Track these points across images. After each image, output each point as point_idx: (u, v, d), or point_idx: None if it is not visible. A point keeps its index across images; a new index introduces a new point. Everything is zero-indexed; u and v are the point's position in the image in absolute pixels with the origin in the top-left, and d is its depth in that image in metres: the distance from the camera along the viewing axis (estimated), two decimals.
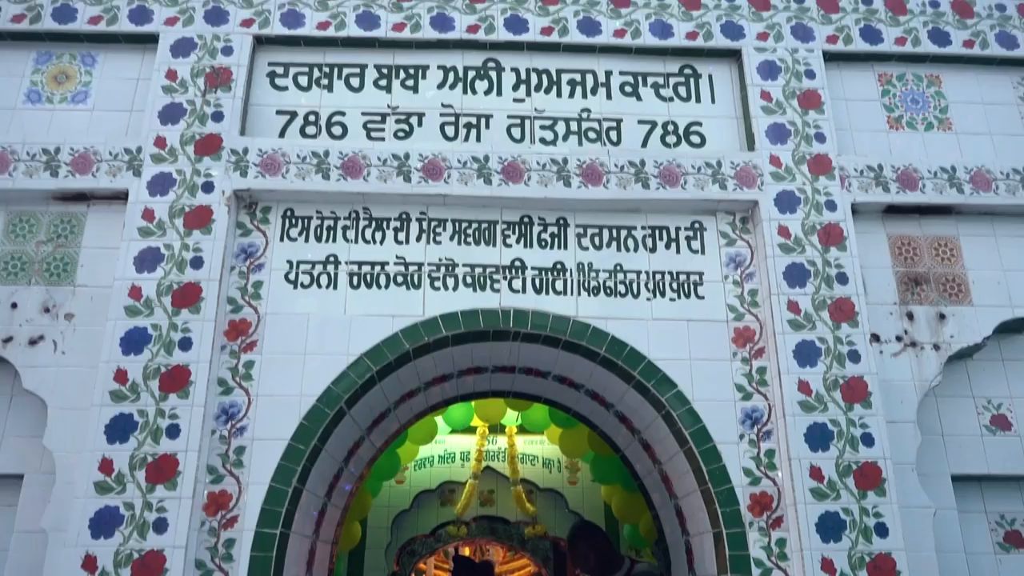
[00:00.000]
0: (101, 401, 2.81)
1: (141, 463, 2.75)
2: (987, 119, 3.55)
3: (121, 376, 2.84)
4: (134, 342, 2.88)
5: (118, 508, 2.70)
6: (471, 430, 6.18)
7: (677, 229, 3.28)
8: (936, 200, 3.32)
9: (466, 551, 8.95)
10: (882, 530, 2.83)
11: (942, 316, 3.21)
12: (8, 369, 2.97)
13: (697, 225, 3.28)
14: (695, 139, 3.41)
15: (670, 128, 3.42)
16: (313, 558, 3.28)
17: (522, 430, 6.26)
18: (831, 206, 3.24)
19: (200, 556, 2.74)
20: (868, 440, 2.93)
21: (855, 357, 3.03)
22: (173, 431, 2.79)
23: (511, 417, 5.97)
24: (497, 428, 6.32)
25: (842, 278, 3.13)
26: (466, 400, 3.95)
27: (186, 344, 2.89)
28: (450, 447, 6.39)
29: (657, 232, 3.27)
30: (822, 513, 2.84)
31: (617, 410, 3.46)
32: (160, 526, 2.69)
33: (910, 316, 3.20)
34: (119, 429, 2.78)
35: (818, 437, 2.93)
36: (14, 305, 3.00)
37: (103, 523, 2.68)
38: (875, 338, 3.15)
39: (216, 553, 2.75)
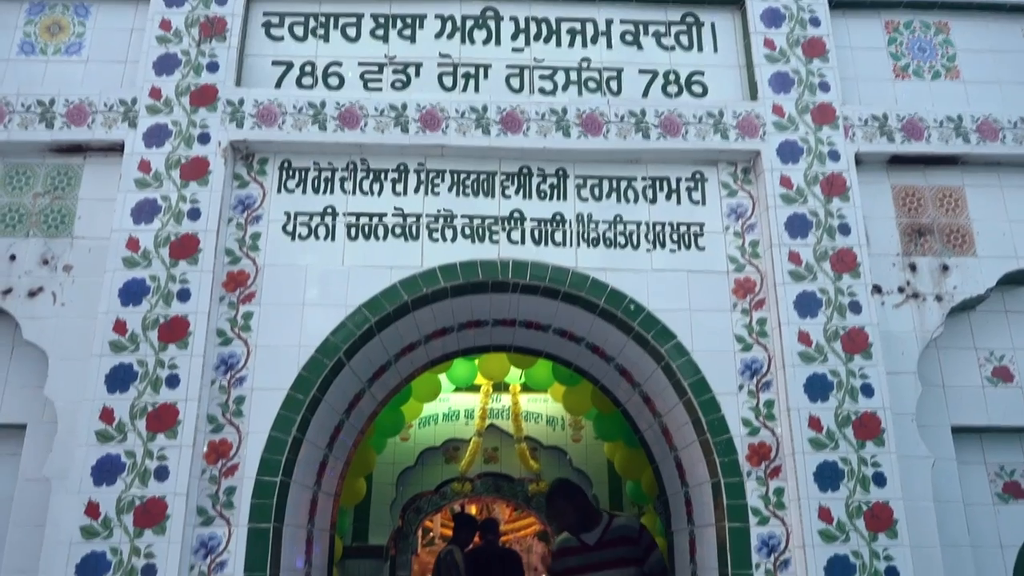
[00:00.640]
0: (101, 351, 2.82)
1: (141, 412, 2.76)
2: (996, 67, 3.49)
3: (120, 327, 2.84)
4: (132, 293, 2.89)
5: (119, 456, 2.72)
6: (475, 388, 6.21)
7: (678, 180, 3.24)
8: (942, 150, 3.27)
9: (472, 509, 9.04)
10: (880, 479, 2.83)
11: (945, 267, 3.18)
12: (8, 321, 2.98)
13: (698, 176, 3.25)
14: (697, 89, 3.36)
15: (671, 78, 3.37)
16: (315, 508, 3.32)
17: (526, 388, 6.28)
18: (834, 156, 3.19)
19: (201, 503, 2.77)
20: (868, 391, 2.92)
21: (856, 308, 3.01)
22: (173, 381, 2.80)
23: (515, 375, 5.99)
24: (501, 386, 6.34)
25: (844, 229, 3.10)
26: (467, 355, 3.96)
27: (184, 295, 2.89)
28: (454, 405, 6.43)
29: (657, 183, 3.24)
30: (820, 463, 2.85)
31: (617, 363, 3.46)
32: (161, 474, 2.71)
33: (913, 267, 3.17)
34: (119, 379, 2.79)
35: (818, 387, 2.92)
36: (12, 257, 3.00)
37: (105, 471, 2.70)
38: (877, 289, 3.12)
39: (217, 500, 2.78)
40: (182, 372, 2.81)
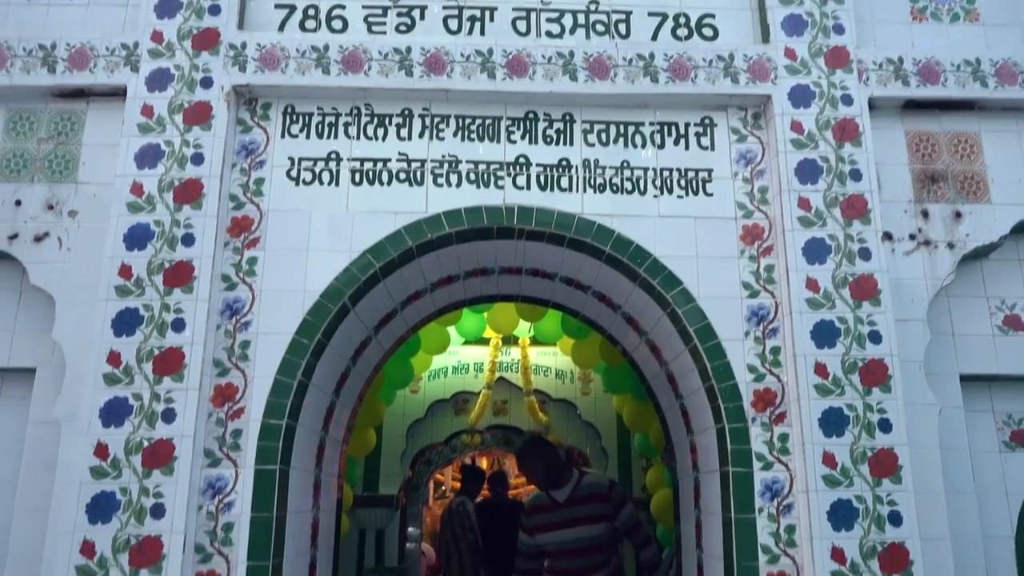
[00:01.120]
0: (107, 296, 2.83)
1: (148, 355, 2.78)
2: (1016, 10, 3.39)
3: (125, 271, 2.85)
4: (137, 238, 2.89)
5: (127, 399, 2.75)
6: (484, 341, 6.22)
7: (686, 125, 3.19)
8: (958, 95, 3.20)
9: (483, 462, 9.14)
10: (885, 426, 2.82)
11: (958, 214, 3.13)
12: (15, 266, 3.00)
13: (707, 121, 3.19)
14: (707, 32, 3.28)
15: (681, 20, 3.29)
16: (322, 454, 3.35)
17: (535, 342, 6.29)
18: (847, 100, 3.13)
19: (208, 445, 2.80)
20: (876, 337, 2.90)
21: (866, 255, 2.98)
22: (178, 325, 2.81)
23: (524, 328, 6.00)
24: (510, 340, 6.35)
25: (856, 175, 3.05)
26: (474, 304, 3.96)
27: (189, 240, 2.89)
28: (464, 358, 6.45)
29: (666, 128, 3.19)
30: (825, 409, 2.84)
31: (624, 311, 3.44)
32: (168, 416, 2.74)
33: (925, 214, 3.12)
34: (125, 323, 2.81)
35: (825, 334, 2.90)
36: (18, 202, 3.00)
37: (113, 413, 2.73)
38: (887, 236, 3.08)
39: (224, 443, 2.81)
40: (187, 316, 2.82)
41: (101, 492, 2.67)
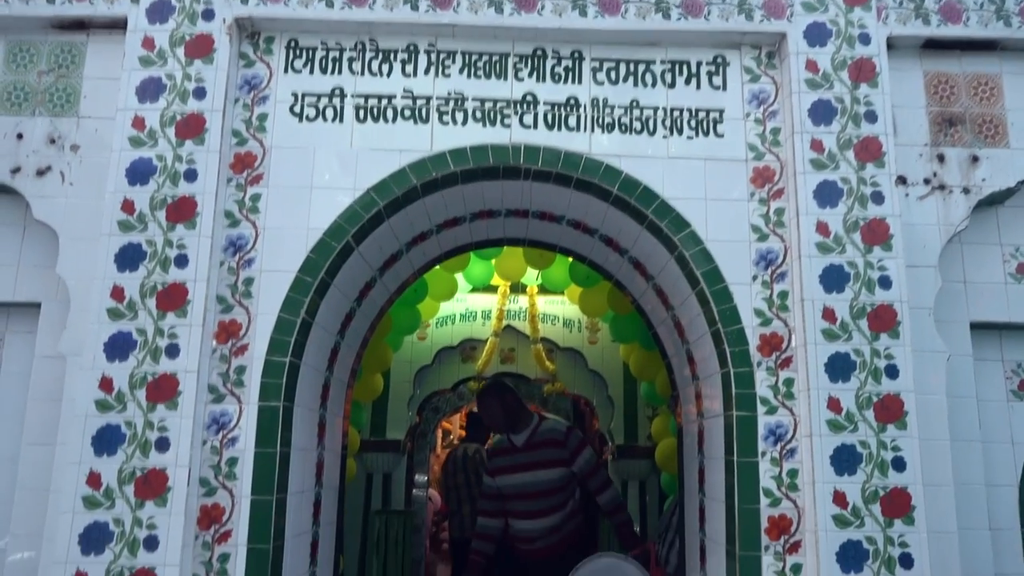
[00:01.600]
0: (110, 231, 2.82)
1: (151, 290, 2.77)
2: None
3: (128, 206, 2.83)
4: (139, 173, 2.86)
5: (130, 333, 2.75)
6: (492, 289, 6.20)
7: (698, 64, 3.11)
8: (980, 34, 3.10)
9: None
10: (892, 371, 2.80)
11: (975, 159, 3.05)
12: (19, 200, 2.98)
13: (719, 60, 3.11)
14: None
15: None
16: (327, 393, 3.36)
17: (542, 290, 6.27)
18: (865, 39, 3.04)
19: (212, 381, 2.80)
20: (885, 283, 2.86)
21: (878, 199, 2.92)
22: (181, 260, 2.80)
23: (531, 277, 5.97)
24: (518, 288, 6.33)
25: (871, 116, 2.98)
26: (481, 248, 3.92)
27: (191, 175, 2.86)
28: (471, 306, 6.43)
29: (677, 67, 3.11)
30: (832, 354, 2.81)
31: (631, 256, 3.41)
32: (172, 351, 2.74)
33: (940, 158, 3.05)
34: (128, 258, 2.80)
35: (834, 279, 2.86)
36: (20, 136, 2.97)
37: (117, 347, 2.73)
38: (901, 180, 3.02)
39: (227, 379, 2.81)
40: (191, 252, 2.81)
41: (106, 425, 2.69)
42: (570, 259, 5.09)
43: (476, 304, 6.43)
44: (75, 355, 2.80)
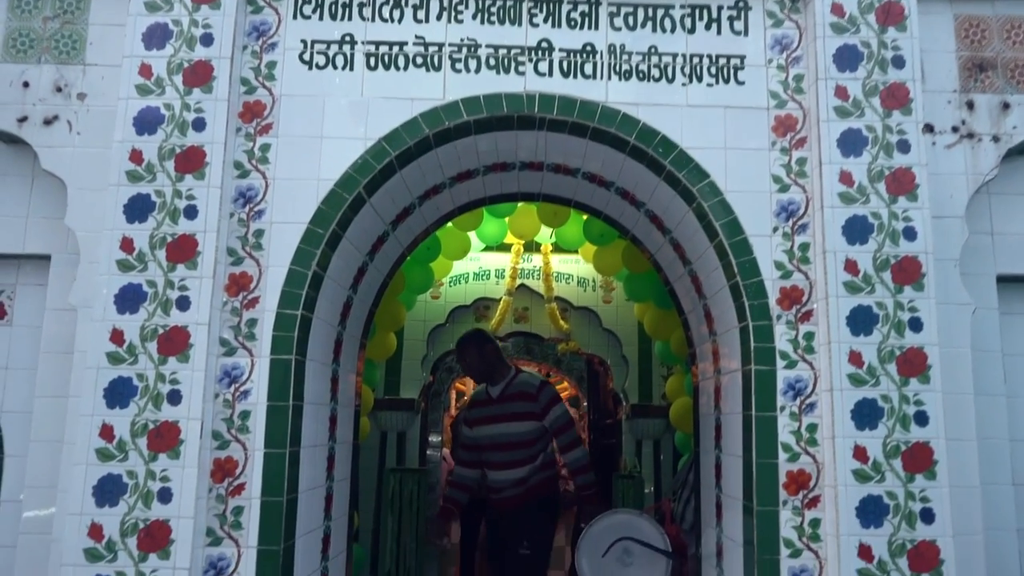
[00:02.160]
0: (118, 181, 2.77)
1: (161, 242, 2.73)
2: None
3: (136, 156, 2.78)
4: (147, 122, 2.80)
5: (141, 285, 2.71)
6: (506, 248, 6.15)
7: (719, 8, 3.01)
8: None
9: None
10: (916, 325, 2.73)
11: (1006, 105, 2.95)
12: (26, 151, 2.94)
13: (741, 4, 3.01)
14: None
15: None
16: (340, 349, 3.33)
17: (556, 248, 6.21)
18: None
19: (224, 334, 2.78)
20: (910, 234, 2.78)
21: (904, 147, 2.83)
22: (191, 211, 2.75)
23: (545, 235, 5.90)
24: (532, 247, 6.27)
25: (898, 61, 2.87)
26: (494, 202, 3.85)
27: (200, 124, 2.80)
28: (485, 265, 6.38)
29: (697, 11, 3.01)
30: (854, 307, 2.74)
31: (648, 209, 3.34)
32: (183, 304, 2.70)
33: (970, 105, 2.96)
34: (137, 209, 2.75)
35: (857, 230, 2.78)
36: (26, 84, 2.93)
37: (127, 299, 2.70)
38: (928, 128, 2.93)
39: (239, 332, 2.78)
40: (200, 203, 2.76)
41: (118, 377, 2.66)
42: (584, 216, 5.03)
43: (489, 263, 6.38)
44: (86, 307, 2.78)
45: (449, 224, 4.98)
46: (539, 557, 4.41)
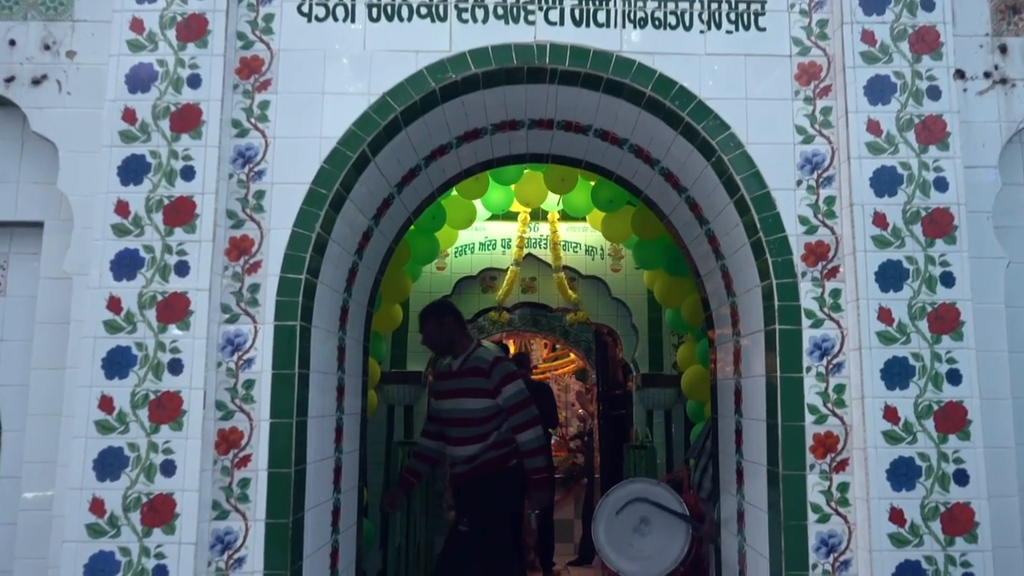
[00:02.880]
0: (111, 142, 2.64)
1: (157, 205, 2.61)
2: None
3: (129, 115, 2.65)
4: (140, 79, 2.67)
5: (137, 250, 2.60)
6: (512, 216, 6.02)
7: None
8: None
9: (511, 347, 9.11)
10: (948, 280, 2.61)
11: None
12: (15, 113, 2.82)
13: None
14: None
15: None
16: (346, 316, 3.22)
17: (564, 216, 6.08)
18: None
19: (225, 300, 2.66)
20: (942, 184, 2.65)
21: (935, 94, 2.69)
22: (188, 172, 2.63)
23: (552, 202, 5.78)
24: (539, 215, 6.14)
25: (927, 4, 2.73)
26: (502, 164, 3.72)
27: (195, 81, 2.67)
28: (490, 234, 6.26)
29: None
30: (883, 262, 2.63)
31: (663, 167, 3.21)
32: (181, 269, 2.59)
33: (1003, 49, 2.82)
34: (131, 170, 2.63)
35: (886, 181, 2.66)
36: (12, 42, 2.79)
37: (123, 265, 2.58)
38: (959, 74, 2.79)
39: (241, 298, 2.67)
40: (197, 164, 2.63)
41: (116, 347, 2.55)
42: (592, 183, 4.91)
43: (495, 232, 6.26)
44: (81, 275, 2.67)
45: (454, 192, 4.89)
46: (477, 536, 4.28)
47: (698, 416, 5.07)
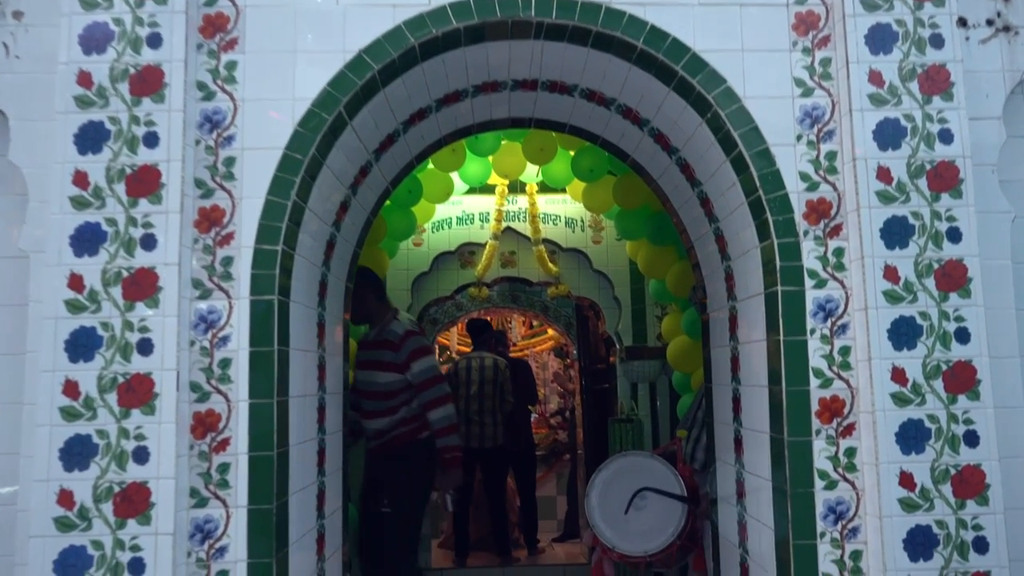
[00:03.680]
0: (66, 108, 2.45)
1: (119, 175, 2.43)
2: None
3: (85, 79, 2.45)
4: (95, 40, 2.47)
5: (99, 224, 2.41)
6: (489, 190, 5.87)
7: None
8: None
9: (492, 322, 8.98)
10: (955, 235, 2.51)
11: None
12: None
13: None
14: None
15: None
16: (325, 291, 3.07)
17: (543, 188, 5.94)
18: None
19: (196, 275, 2.49)
20: (946, 137, 2.55)
21: (937, 42, 2.58)
22: (151, 139, 2.44)
23: (531, 174, 5.63)
24: (517, 187, 5.99)
25: None
26: (483, 130, 3.58)
27: (155, 41, 2.47)
28: (468, 208, 6.09)
29: None
30: (888, 218, 2.52)
31: (653, 127, 3.08)
32: (148, 243, 2.41)
33: None
34: (89, 138, 2.44)
35: (888, 134, 2.55)
36: None
37: (84, 240, 2.40)
38: (962, 22, 2.68)
39: (213, 272, 2.50)
40: (161, 129, 2.45)
41: (80, 328, 2.38)
42: (572, 152, 4.77)
43: (473, 206, 6.10)
44: (38, 252, 2.49)
45: (430, 165, 4.73)
46: (400, 516, 4.20)
47: (684, 387, 4.99)
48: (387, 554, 4.20)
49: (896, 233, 2.51)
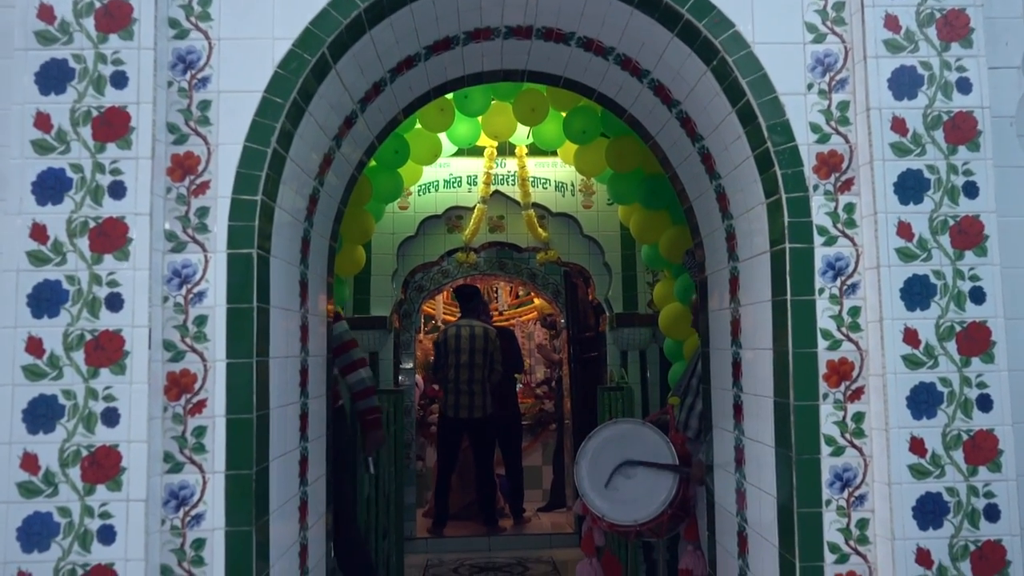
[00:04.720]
0: (25, 44, 2.27)
1: (85, 117, 2.25)
2: None
3: (46, 12, 2.27)
4: None
5: (63, 170, 2.24)
6: (478, 152, 5.70)
7: None
8: None
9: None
10: (971, 190, 2.39)
11: None
12: None
13: None
14: None
15: None
16: (308, 248, 2.91)
17: (533, 151, 5.78)
18: None
19: (170, 226, 2.33)
20: (964, 86, 2.41)
21: None
22: (119, 79, 2.27)
23: (521, 136, 5.47)
24: (506, 149, 5.83)
25: None
26: (474, 84, 3.41)
27: None
28: (456, 171, 5.92)
29: None
30: (903, 171, 2.39)
31: (653, 78, 2.93)
32: (117, 191, 2.24)
33: None
34: (52, 77, 2.26)
35: (904, 83, 2.41)
36: None
37: (47, 187, 2.23)
38: None
39: (188, 223, 2.34)
40: (130, 68, 2.27)
41: (44, 281, 2.22)
42: (564, 113, 4.62)
43: (461, 169, 5.93)
44: None
45: (417, 125, 4.56)
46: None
47: (675, 355, 4.89)
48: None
49: (911, 187, 2.39)
